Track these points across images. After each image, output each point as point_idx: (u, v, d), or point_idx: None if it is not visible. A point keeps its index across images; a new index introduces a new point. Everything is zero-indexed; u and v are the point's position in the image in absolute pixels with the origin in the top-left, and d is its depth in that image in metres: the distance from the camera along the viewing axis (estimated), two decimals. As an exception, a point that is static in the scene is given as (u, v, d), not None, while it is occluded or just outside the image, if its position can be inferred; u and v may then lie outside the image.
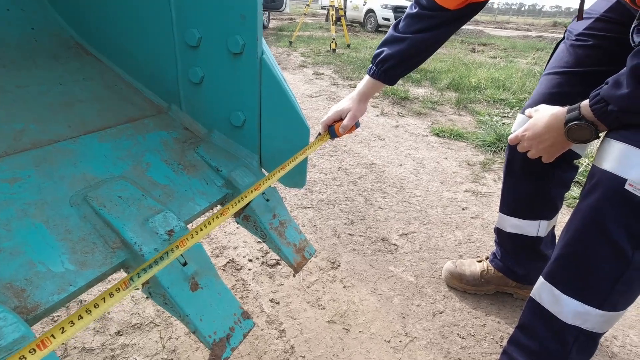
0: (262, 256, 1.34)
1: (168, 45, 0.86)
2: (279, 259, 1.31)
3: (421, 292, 1.24)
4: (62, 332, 0.43)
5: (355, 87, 1.07)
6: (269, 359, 0.97)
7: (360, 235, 1.50)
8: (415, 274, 1.32)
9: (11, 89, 0.78)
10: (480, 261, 1.28)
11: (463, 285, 1.24)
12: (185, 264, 0.65)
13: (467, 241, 1.53)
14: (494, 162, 2.31)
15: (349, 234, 1.51)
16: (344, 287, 1.23)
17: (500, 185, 1.94)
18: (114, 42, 0.94)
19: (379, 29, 10.60)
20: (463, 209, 1.77)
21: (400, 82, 4.40)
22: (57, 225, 0.61)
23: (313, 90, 3.83)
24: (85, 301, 1.06)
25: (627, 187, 0.66)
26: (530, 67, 5.07)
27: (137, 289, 0.55)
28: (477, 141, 2.59)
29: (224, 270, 1.27)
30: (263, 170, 0.93)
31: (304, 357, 0.98)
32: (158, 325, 1.03)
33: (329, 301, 1.17)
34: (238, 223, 0.87)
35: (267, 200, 0.87)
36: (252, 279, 1.24)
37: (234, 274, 1.26)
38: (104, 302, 0.48)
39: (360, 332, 1.07)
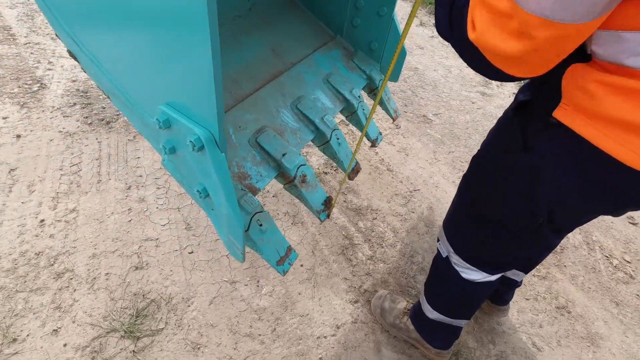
0: (358, 119, 2.42)
1: (344, 7, 1.78)
2: (369, 121, 2.38)
3: (442, 141, 2.35)
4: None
5: None
6: (369, 158, 2.12)
7: (410, 113, 2.56)
8: (441, 134, 2.42)
9: (279, 27, 1.74)
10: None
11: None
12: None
13: (473, 121, 2.59)
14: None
15: (404, 111, 2.56)
16: (403, 137, 2.34)
17: (501, 89, 2.91)
18: (315, 2, 1.85)
19: None
20: (472, 103, 2.78)
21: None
22: (320, 89, 1.64)
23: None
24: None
25: None
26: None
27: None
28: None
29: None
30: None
31: (385, 161, 2.13)
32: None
33: (396, 141, 2.29)
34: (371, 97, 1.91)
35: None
36: (358, 133, 2.34)
37: (346, 125, 2.36)
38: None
39: (406, 155, 2.21)
